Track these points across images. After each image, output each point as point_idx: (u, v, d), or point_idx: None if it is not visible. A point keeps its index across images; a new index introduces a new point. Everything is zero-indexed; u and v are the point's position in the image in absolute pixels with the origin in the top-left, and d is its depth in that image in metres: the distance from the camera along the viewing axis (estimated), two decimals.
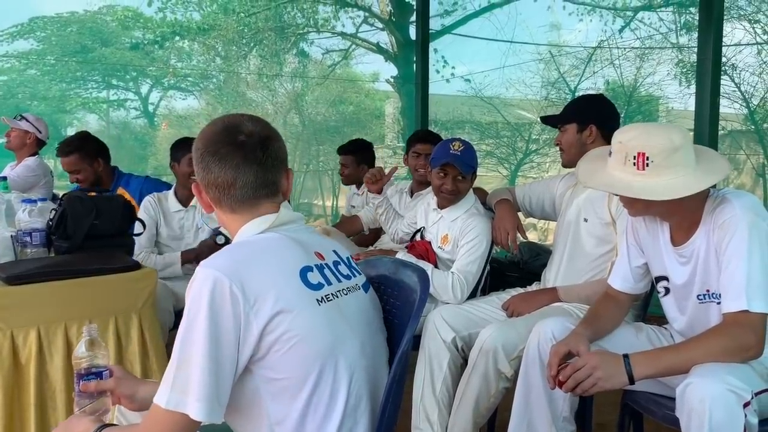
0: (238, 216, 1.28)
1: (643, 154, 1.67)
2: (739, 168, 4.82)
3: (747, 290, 1.59)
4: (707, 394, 1.47)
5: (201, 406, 1.08)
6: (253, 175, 1.24)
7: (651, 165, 1.67)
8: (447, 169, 2.55)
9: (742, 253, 1.62)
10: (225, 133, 1.24)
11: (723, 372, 1.51)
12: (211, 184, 1.25)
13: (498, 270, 3.31)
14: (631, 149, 1.69)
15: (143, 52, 10.57)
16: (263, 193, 1.27)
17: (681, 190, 1.66)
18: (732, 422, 1.47)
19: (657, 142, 1.68)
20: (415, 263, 2.07)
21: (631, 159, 1.69)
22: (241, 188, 1.24)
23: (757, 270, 1.60)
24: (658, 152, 1.67)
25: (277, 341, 1.15)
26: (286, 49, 9.02)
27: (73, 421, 1.32)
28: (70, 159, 3.36)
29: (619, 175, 1.73)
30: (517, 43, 6.88)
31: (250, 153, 1.23)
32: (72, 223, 2.24)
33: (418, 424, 2.28)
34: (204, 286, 1.12)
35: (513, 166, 7.26)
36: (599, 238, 2.35)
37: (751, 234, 1.62)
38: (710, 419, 1.46)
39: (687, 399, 1.52)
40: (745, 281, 1.60)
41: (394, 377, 1.25)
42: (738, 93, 4.63)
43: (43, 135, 4.08)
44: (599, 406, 2.66)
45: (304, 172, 9.42)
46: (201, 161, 1.25)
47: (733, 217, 1.66)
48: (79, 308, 1.96)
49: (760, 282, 1.60)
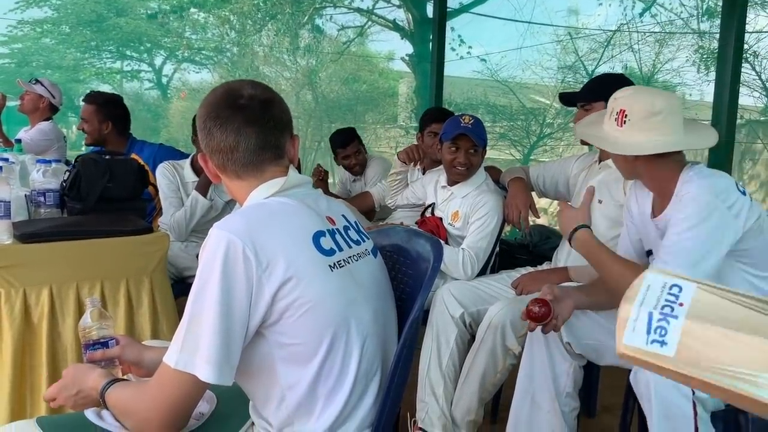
0: (245, 182, 1.26)
1: (623, 111, 1.77)
2: (755, 158, 4.77)
3: (670, 253, 1.65)
4: (650, 378, 1.52)
5: (210, 368, 1.08)
6: (254, 137, 1.22)
7: (627, 123, 1.76)
8: (459, 143, 2.54)
9: (684, 223, 1.66)
10: (225, 97, 1.23)
11: None
12: (214, 149, 1.24)
13: (507, 252, 3.31)
14: (617, 106, 1.80)
15: (158, 24, 10.54)
16: (267, 156, 1.25)
17: (634, 148, 1.75)
18: (678, 401, 1.51)
19: (639, 102, 1.77)
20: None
21: (614, 115, 1.79)
22: (244, 151, 1.22)
23: (687, 240, 1.63)
24: (636, 112, 1.75)
25: (290, 307, 1.14)
26: (302, 23, 8.96)
27: (84, 370, 1.32)
28: (87, 107, 3.41)
29: (604, 128, 1.85)
30: (536, 24, 6.80)
31: (250, 115, 1.22)
32: (86, 184, 2.25)
33: (423, 398, 2.29)
34: (218, 248, 1.11)
35: (526, 150, 7.21)
36: (613, 220, 2.33)
37: (700, 211, 1.64)
38: (656, 401, 1.51)
39: (638, 384, 1.57)
40: (671, 245, 1.65)
41: (404, 343, 1.25)
42: (758, 81, 4.57)
43: (56, 101, 4.09)
44: (604, 389, 2.67)
45: (316, 149, 9.41)
46: (203, 128, 1.24)
47: (689, 194, 1.68)
48: (91, 269, 1.97)
49: (683, 250, 1.64)
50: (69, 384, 1.31)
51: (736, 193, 1.70)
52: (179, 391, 1.13)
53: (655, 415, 1.51)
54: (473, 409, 2.24)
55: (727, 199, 1.67)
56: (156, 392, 1.15)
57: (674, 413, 1.50)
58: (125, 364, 1.44)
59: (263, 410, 1.25)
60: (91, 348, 1.41)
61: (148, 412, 1.16)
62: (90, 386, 1.26)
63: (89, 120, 3.39)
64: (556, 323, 1.80)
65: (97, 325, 1.42)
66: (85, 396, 1.28)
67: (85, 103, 3.41)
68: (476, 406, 2.24)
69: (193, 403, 1.17)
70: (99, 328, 1.42)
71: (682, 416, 1.50)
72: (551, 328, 1.81)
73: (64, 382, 1.32)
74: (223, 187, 1.34)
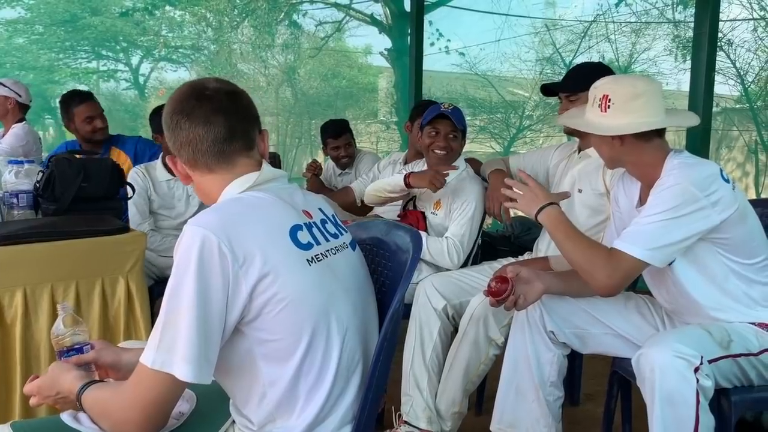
0: (217, 176, 1.24)
1: (606, 96, 1.80)
2: (731, 145, 4.82)
3: (631, 234, 1.68)
4: (656, 363, 1.53)
5: (188, 367, 1.07)
6: (222, 126, 1.20)
7: (612, 107, 1.79)
8: (438, 127, 2.55)
9: (651, 209, 1.68)
10: (190, 91, 1.22)
11: (671, 339, 1.57)
12: (183, 143, 1.22)
13: (490, 244, 3.31)
14: (598, 93, 1.82)
15: (133, 22, 10.41)
16: (237, 146, 1.23)
17: (620, 129, 1.77)
18: (683, 387, 1.51)
19: (621, 86, 1.81)
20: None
21: (597, 101, 1.82)
22: (213, 141, 1.20)
23: (650, 224, 1.66)
24: (619, 95, 1.78)
25: (268, 303, 1.13)
26: (279, 20, 8.90)
27: (63, 369, 1.30)
28: (96, 101, 3.44)
29: (587, 117, 1.87)
30: (513, 16, 6.82)
31: (217, 104, 1.21)
32: (60, 185, 2.21)
33: (407, 391, 2.28)
34: (192, 244, 1.09)
35: (506, 142, 7.24)
36: (593, 209, 2.34)
37: (672, 198, 1.66)
38: (661, 386, 1.52)
39: (640, 368, 1.58)
40: (633, 227, 1.69)
41: (385, 335, 1.23)
42: (733, 69, 4.62)
43: (23, 98, 3.93)
44: (587, 377, 2.69)
45: (296, 146, 9.37)
46: (170, 123, 1.22)
47: (667, 182, 1.70)
48: (66, 270, 1.94)
49: (642, 233, 1.67)
50: (49, 384, 1.29)
51: (718, 182, 1.70)
52: (157, 390, 1.11)
53: (658, 400, 1.52)
54: (458, 401, 2.24)
55: (706, 189, 1.67)
56: (133, 392, 1.13)
57: (677, 400, 1.51)
58: (102, 369, 1.41)
59: (244, 408, 1.24)
60: (65, 355, 1.38)
61: (125, 413, 1.14)
62: (67, 388, 1.24)
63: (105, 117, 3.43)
64: (517, 301, 1.84)
65: (70, 332, 1.39)
66: (65, 398, 1.26)
67: (90, 101, 3.42)
68: (461, 397, 2.24)
69: (171, 403, 1.15)
70: (72, 334, 1.39)
71: (684, 403, 1.51)
72: (512, 306, 1.85)
73: (45, 380, 1.30)
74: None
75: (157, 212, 3.04)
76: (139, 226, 2.85)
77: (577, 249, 1.77)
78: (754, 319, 1.76)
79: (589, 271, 1.72)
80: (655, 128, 1.78)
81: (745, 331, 1.72)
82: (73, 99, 3.43)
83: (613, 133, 1.78)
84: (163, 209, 3.04)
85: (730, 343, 1.67)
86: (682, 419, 1.51)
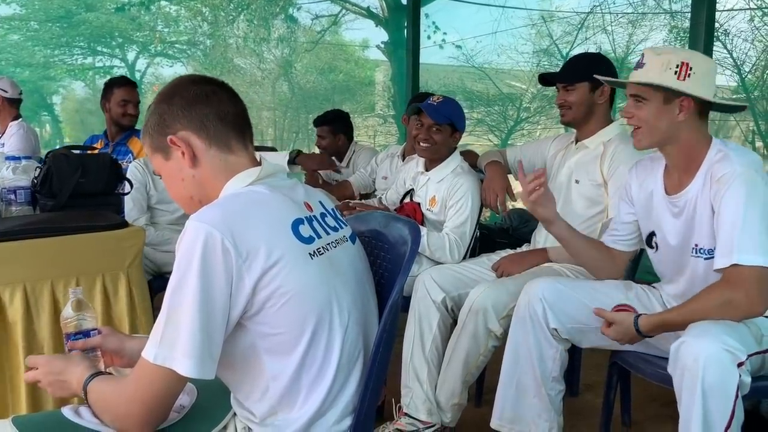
0: (228, 163, 1.24)
1: (687, 64, 1.73)
2: (728, 135, 4.83)
3: (737, 244, 1.58)
4: (701, 353, 1.48)
5: (190, 362, 1.07)
6: (224, 103, 1.24)
7: (693, 76, 1.73)
8: (422, 119, 2.58)
9: (738, 207, 1.60)
10: (179, 86, 1.25)
11: (718, 331, 1.51)
12: (207, 115, 1.22)
13: (488, 236, 3.32)
14: (675, 58, 1.75)
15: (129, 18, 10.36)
16: (235, 131, 1.25)
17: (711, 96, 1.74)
18: (725, 381, 1.47)
19: (701, 59, 1.77)
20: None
21: (673, 68, 1.74)
22: (235, 117, 1.25)
23: (750, 224, 1.58)
24: (701, 66, 1.74)
25: (271, 297, 1.13)
26: (275, 14, 8.88)
27: (78, 358, 1.31)
28: (134, 88, 3.56)
29: (655, 77, 1.76)
30: (510, 8, 6.80)
31: (212, 88, 1.24)
32: (57, 180, 2.21)
33: (407, 383, 2.29)
34: (195, 239, 1.09)
35: (504, 134, 7.24)
36: (590, 200, 2.35)
37: (748, 190, 1.61)
38: (703, 378, 1.47)
39: (681, 357, 1.52)
40: (736, 236, 1.59)
41: (385, 326, 1.24)
42: (730, 59, 4.61)
43: (10, 93, 3.89)
44: (586, 368, 2.70)
45: (294, 140, 9.36)
46: (188, 103, 1.22)
47: (731, 172, 1.65)
48: (66, 266, 1.94)
49: (752, 235, 1.58)
50: (58, 364, 1.30)
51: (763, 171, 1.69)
52: (158, 385, 1.11)
53: (699, 389, 1.47)
54: (457, 393, 2.24)
55: (765, 176, 1.65)
56: (135, 387, 1.13)
57: (719, 391, 1.47)
58: (107, 355, 1.43)
59: (246, 401, 1.24)
60: (72, 338, 1.40)
61: (127, 407, 1.14)
62: (76, 376, 1.24)
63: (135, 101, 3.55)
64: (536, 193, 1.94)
65: (79, 316, 1.41)
66: (65, 381, 1.26)
67: (132, 86, 3.57)
68: (460, 389, 2.24)
69: (172, 398, 1.16)
70: (81, 318, 1.41)
71: (725, 396, 1.48)
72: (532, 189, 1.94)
73: (56, 360, 1.32)
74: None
75: (156, 207, 3.04)
76: (135, 221, 2.85)
77: (699, 308, 1.63)
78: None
79: (724, 310, 1.59)
80: (729, 105, 1.81)
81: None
82: (115, 81, 3.58)
83: (708, 98, 1.73)
84: (162, 204, 3.04)
85: (762, 338, 1.65)
86: (721, 412, 1.48)
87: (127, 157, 3.43)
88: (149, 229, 2.90)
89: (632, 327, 1.74)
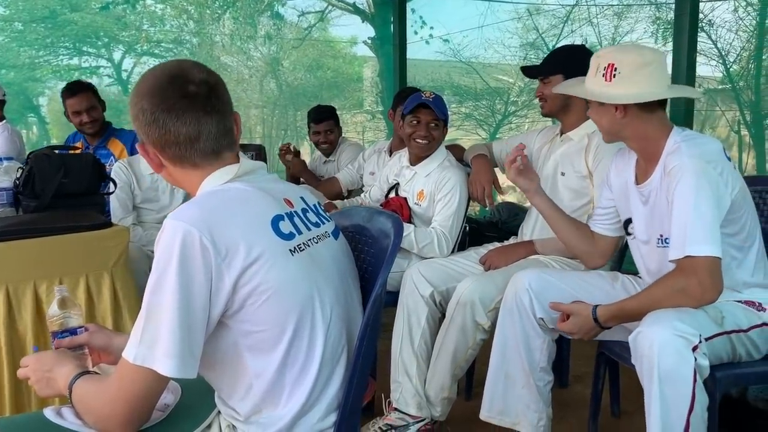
0: (200, 170, 1.22)
1: (612, 65, 1.75)
2: (715, 125, 4.85)
3: (689, 236, 1.60)
4: (656, 341, 1.51)
5: (170, 362, 1.06)
6: (215, 125, 1.18)
7: (618, 76, 1.74)
8: (419, 116, 2.54)
9: (687, 200, 1.63)
10: (173, 85, 1.16)
11: (671, 318, 1.54)
12: (170, 142, 1.18)
13: (477, 230, 3.32)
14: (603, 61, 1.77)
15: (114, 17, 10.28)
16: (225, 142, 1.22)
17: (629, 98, 1.73)
18: (681, 366, 1.50)
19: (628, 55, 1.76)
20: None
21: (601, 70, 1.77)
22: (205, 141, 1.18)
23: (700, 216, 1.61)
24: (626, 64, 1.74)
25: (252, 294, 1.12)
26: (261, 11, 8.82)
27: (68, 356, 1.31)
28: (88, 94, 3.37)
29: (588, 86, 1.82)
30: (496, 1, 6.79)
31: (207, 104, 1.17)
32: (40, 181, 2.20)
33: (397, 378, 2.29)
34: (173, 238, 1.08)
35: (492, 128, 7.24)
36: (576, 192, 2.35)
37: (697, 181, 1.62)
38: (659, 364, 1.50)
39: (638, 346, 1.56)
40: (688, 227, 1.61)
41: (368, 321, 1.23)
42: (715, 50, 4.62)
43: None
44: (575, 359, 2.71)
45: (282, 138, 9.31)
46: (153, 120, 1.16)
47: (680, 164, 1.67)
48: (49, 267, 1.93)
49: (702, 226, 1.60)
50: (47, 361, 1.29)
51: (723, 160, 1.70)
52: (139, 386, 1.10)
53: (656, 378, 1.50)
54: (446, 386, 2.25)
55: (717, 166, 1.66)
56: (116, 387, 1.13)
57: (675, 378, 1.50)
58: (94, 352, 1.42)
59: (229, 400, 1.23)
60: (59, 336, 1.40)
61: (108, 408, 1.14)
62: (63, 374, 1.24)
63: (95, 107, 3.40)
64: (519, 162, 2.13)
65: (65, 313, 1.40)
66: (52, 378, 1.26)
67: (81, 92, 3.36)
68: (449, 382, 2.25)
69: (154, 398, 1.15)
70: (65, 316, 1.40)
71: (682, 381, 1.50)
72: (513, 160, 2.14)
73: (44, 356, 1.31)
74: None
75: (141, 206, 3.03)
76: (121, 220, 2.83)
77: (655, 297, 1.66)
78: (739, 297, 1.77)
79: (680, 299, 1.61)
80: (661, 98, 1.77)
81: (733, 308, 1.72)
82: (65, 92, 3.43)
83: (620, 102, 1.74)
84: (147, 203, 3.03)
85: (723, 320, 1.67)
86: (679, 397, 1.51)
87: (108, 160, 3.38)
88: (137, 229, 2.89)
89: (590, 317, 1.75)
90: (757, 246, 1.79)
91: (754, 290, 1.79)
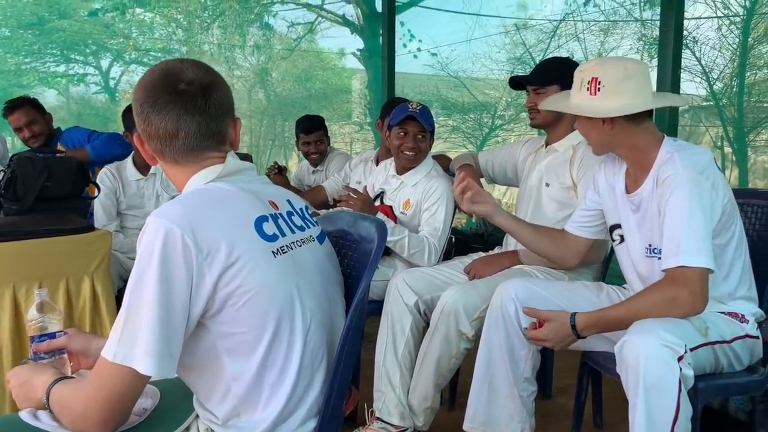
0: (183, 167, 1.22)
1: (596, 79, 1.76)
2: (698, 141, 4.91)
3: (682, 246, 1.61)
4: (641, 351, 1.51)
5: (150, 361, 1.05)
6: (195, 125, 1.18)
7: (602, 89, 1.75)
8: (407, 128, 2.55)
9: (681, 210, 1.63)
10: (164, 81, 1.17)
11: (657, 328, 1.54)
12: (152, 135, 1.19)
13: (463, 241, 3.33)
14: (586, 76, 1.78)
15: (103, 25, 10.24)
16: (208, 143, 1.21)
17: (613, 111, 1.73)
18: (667, 376, 1.50)
19: (611, 68, 1.77)
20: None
21: (585, 84, 1.78)
22: (184, 139, 1.18)
23: (694, 227, 1.61)
24: (610, 77, 1.75)
25: (232, 295, 1.11)
26: (250, 21, 8.84)
27: (43, 367, 1.29)
28: (26, 109, 3.30)
29: (573, 100, 1.82)
30: (484, 16, 6.85)
31: (191, 102, 1.17)
32: (22, 184, 2.17)
33: (380, 387, 2.27)
34: (155, 236, 1.07)
35: (479, 141, 7.28)
36: (561, 203, 2.36)
37: (691, 192, 1.63)
38: (645, 374, 1.50)
39: (624, 356, 1.55)
40: (682, 238, 1.62)
41: (350, 326, 1.23)
42: (699, 67, 4.69)
43: None
44: (559, 371, 2.70)
45: (270, 147, 9.31)
46: (141, 112, 1.19)
47: (673, 174, 1.68)
48: (28, 270, 1.91)
49: (696, 238, 1.61)
50: (22, 373, 1.27)
51: (714, 169, 1.71)
52: (118, 385, 1.09)
53: (642, 388, 1.50)
54: (430, 396, 2.23)
55: (710, 177, 1.67)
56: (94, 387, 1.11)
57: (661, 388, 1.50)
58: (74, 357, 1.40)
59: (207, 403, 1.22)
60: (37, 339, 1.38)
61: (86, 408, 1.12)
62: (41, 384, 1.21)
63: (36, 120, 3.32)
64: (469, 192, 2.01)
65: (42, 318, 1.39)
66: (29, 390, 1.24)
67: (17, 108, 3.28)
68: (432, 392, 2.23)
69: (133, 398, 1.13)
70: (44, 320, 1.39)
71: (668, 391, 1.50)
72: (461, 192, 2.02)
73: (19, 370, 1.30)
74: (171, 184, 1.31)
75: (126, 213, 3.01)
76: (104, 227, 2.81)
77: (641, 306, 1.65)
78: (723, 309, 1.78)
79: (669, 308, 1.61)
80: (647, 109, 1.77)
81: (717, 319, 1.73)
82: (4, 110, 3.35)
83: (606, 115, 1.75)
84: (132, 209, 3.01)
85: (707, 330, 1.67)
86: (664, 407, 1.50)
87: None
88: (119, 236, 2.87)
89: (567, 324, 1.73)
90: (743, 258, 1.80)
91: (738, 302, 1.80)
